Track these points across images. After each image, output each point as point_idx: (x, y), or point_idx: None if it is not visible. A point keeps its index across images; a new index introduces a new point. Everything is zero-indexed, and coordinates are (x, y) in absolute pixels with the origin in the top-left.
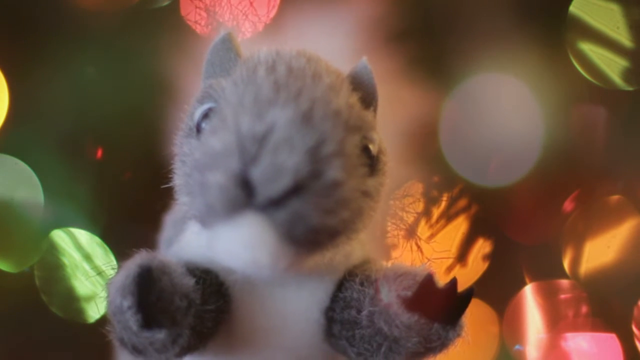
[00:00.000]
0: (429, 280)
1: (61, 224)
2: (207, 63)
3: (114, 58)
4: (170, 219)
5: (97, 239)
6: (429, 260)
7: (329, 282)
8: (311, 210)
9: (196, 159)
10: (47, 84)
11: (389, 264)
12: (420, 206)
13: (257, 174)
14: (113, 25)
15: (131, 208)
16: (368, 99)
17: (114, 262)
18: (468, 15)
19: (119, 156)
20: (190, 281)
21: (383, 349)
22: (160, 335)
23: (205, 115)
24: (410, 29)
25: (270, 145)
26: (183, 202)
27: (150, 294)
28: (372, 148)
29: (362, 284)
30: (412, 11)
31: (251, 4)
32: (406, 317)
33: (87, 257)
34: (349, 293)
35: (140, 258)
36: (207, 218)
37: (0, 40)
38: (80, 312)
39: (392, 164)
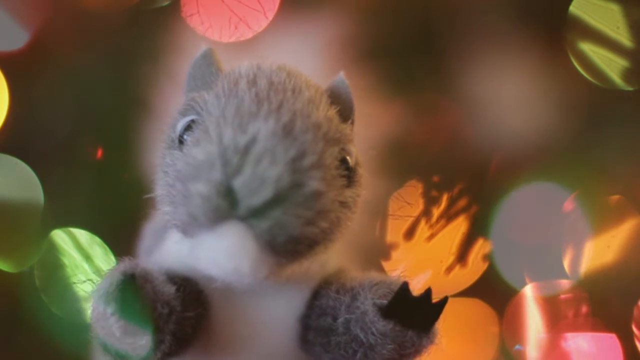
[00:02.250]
0: (403, 289)
1: (61, 224)
2: (188, 77)
3: (114, 58)
4: (149, 228)
5: (97, 239)
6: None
7: (305, 290)
8: (292, 220)
9: (179, 170)
10: (47, 84)
11: (364, 273)
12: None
13: (239, 184)
14: (113, 25)
15: (131, 208)
16: (345, 113)
17: (114, 262)
18: (463, 16)
19: (119, 156)
20: (171, 289)
21: (358, 356)
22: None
23: (188, 128)
24: (382, 47)
25: (252, 156)
26: (165, 212)
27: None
28: (350, 160)
29: (337, 292)
30: (383, 29)
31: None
32: (381, 324)
33: (87, 257)
34: (325, 301)
35: (123, 266)
36: (190, 228)
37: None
38: (80, 312)
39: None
